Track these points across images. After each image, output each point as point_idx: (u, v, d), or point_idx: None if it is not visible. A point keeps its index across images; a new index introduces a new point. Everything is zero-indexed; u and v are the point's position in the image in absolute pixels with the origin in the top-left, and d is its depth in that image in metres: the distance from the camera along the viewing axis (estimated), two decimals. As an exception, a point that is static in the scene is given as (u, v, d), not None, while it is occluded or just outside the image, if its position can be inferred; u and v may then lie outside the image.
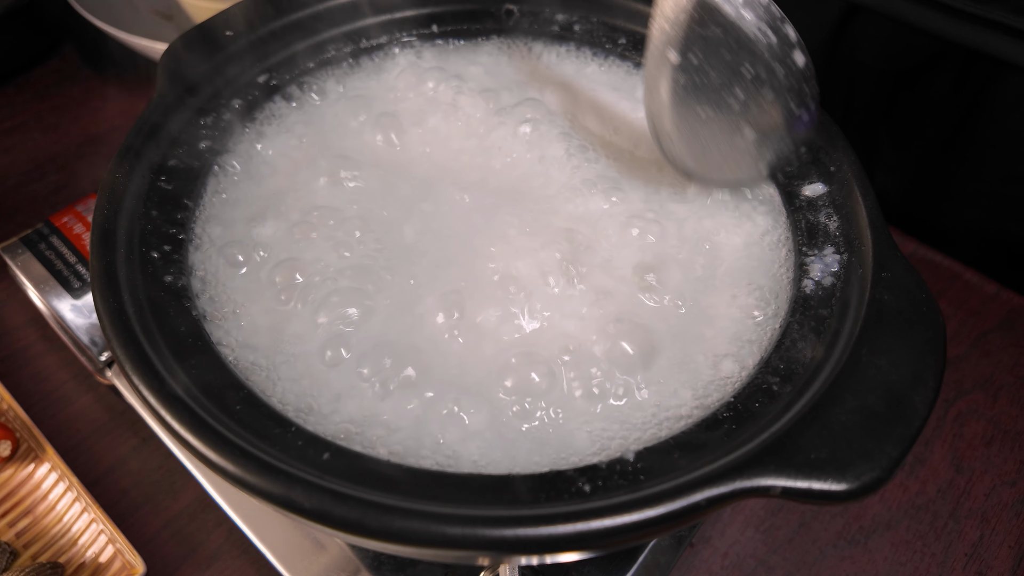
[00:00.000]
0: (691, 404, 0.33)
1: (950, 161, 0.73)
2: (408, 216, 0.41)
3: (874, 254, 0.34)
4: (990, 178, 0.71)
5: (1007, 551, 0.54)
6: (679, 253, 0.39)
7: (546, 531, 0.25)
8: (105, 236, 0.33)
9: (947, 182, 0.74)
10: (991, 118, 0.67)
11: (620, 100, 0.48)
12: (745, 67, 0.36)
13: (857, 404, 0.28)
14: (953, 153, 0.72)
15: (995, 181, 0.71)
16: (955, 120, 0.70)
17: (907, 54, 0.69)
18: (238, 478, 0.26)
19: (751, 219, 0.41)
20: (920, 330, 0.31)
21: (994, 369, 0.64)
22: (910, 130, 0.75)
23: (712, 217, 0.41)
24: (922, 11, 0.63)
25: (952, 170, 0.73)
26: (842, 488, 0.26)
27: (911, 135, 0.75)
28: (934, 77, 0.69)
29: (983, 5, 0.59)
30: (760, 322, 0.35)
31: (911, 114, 0.74)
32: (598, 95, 0.48)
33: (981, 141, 0.69)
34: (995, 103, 0.66)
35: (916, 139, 0.75)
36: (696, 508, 0.25)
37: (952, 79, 0.68)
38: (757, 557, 0.53)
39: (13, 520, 0.52)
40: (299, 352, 0.35)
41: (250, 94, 0.44)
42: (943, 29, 0.62)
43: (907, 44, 0.68)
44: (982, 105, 0.67)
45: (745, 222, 0.41)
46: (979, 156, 0.70)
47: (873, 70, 0.73)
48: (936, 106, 0.71)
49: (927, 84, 0.70)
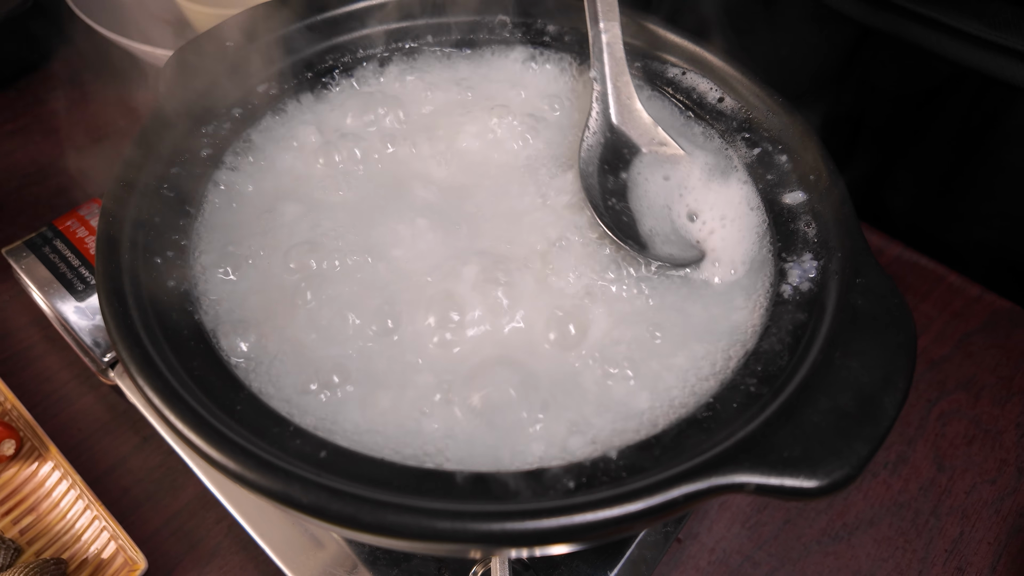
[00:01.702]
0: (671, 405, 0.34)
1: (961, 183, 0.73)
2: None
3: (850, 260, 0.36)
4: (1000, 200, 0.72)
5: (986, 547, 0.56)
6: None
7: (532, 525, 0.27)
8: (110, 243, 0.34)
9: (957, 203, 0.75)
10: (1003, 142, 0.67)
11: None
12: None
13: (829, 405, 0.30)
14: (964, 175, 0.73)
15: (1005, 203, 0.71)
16: (967, 143, 0.70)
17: (921, 78, 0.70)
18: (239, 475, 0.27)
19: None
20: (892, 334, 0.32)
21: (976, 370, 0.66)
22: (922, 152, 0.75)
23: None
24: (937, 37, 0.63)
25: (962, 191, 0.74)
26: (813, 485, 0.27)
27: (923, 156, 0.75)
28: (947, 101, 0.69)
29: (999, 32, 0.59)
30: (738, 326, 0.37)
31: (923, 136, 0.74)
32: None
33: (992, 164, 0.70)
34: (1008, 128, 0.66)
35: (928, 160, 0.75)
36: (674, 503, 0.27)
37: (966, 103, 0.68)
38: (743, 553, 0.55)
39: (17, 517, 0.53)
40: (299, 354, 0.36)
41: (250, 103, 0.46)
42: (958, 55, 0.62)
43: (921, 68, 0.68)
44: (994, 129, 0.67)
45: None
46: (990, 178, 0.71)
47: (886, 92, 0.74)
48: (948, 129, 0.71)
49: (940, 107, 0.70)
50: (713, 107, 0.46)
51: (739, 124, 0.45)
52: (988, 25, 0.60)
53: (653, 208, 0.43)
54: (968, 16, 0.60)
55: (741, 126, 0.45)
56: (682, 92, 0.48)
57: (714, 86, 0.47)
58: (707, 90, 0.47)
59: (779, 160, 0.43)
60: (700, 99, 0.47)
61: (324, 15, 0.48)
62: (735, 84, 0.46)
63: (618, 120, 0.46)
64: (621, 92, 0.46)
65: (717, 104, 0.46)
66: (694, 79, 0.47)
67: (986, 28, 0.60)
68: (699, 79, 0.47)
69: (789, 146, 0.43)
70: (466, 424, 0.34)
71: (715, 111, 0.46)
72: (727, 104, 0.46)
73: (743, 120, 0.45)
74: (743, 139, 0.45)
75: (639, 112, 0.46)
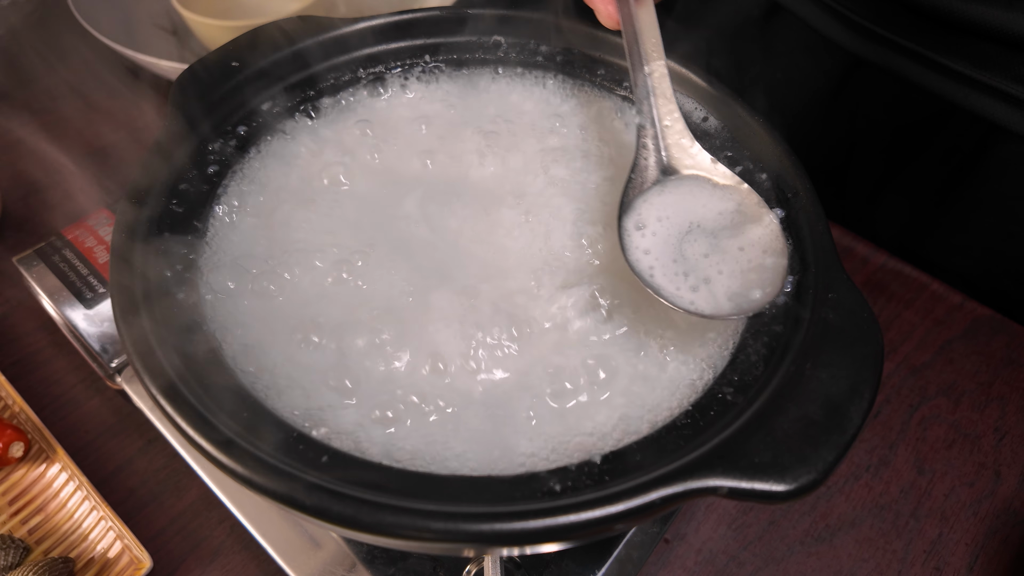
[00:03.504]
0: (654, 413, 0.36)
1: (944, 213, 0.74)
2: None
3: (823, 275, 0.38)
4: (979, 233, 0.73)
5: (964, 548, 0.58)
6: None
7: (520, 525, 0.29)
8: (123, 257, 0.36)
9: (940, 232, 0.76)
10: (985, 178, 0.68)
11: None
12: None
13: (799, 413, 0.31)
14: (947, 206, 0.74)
15: (985, 236, 0.72)
16: (949, 177, 0.71)
17: (908, 110, 0.70)
18: (246, 479, 0.29)
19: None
20: (860, 347, 0.34)
21: (957, 376, 0.68)
22: (908, 182, 0.76)
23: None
24: (923, 71, 0.64)
25: (945, 222, 0.75)
26: (782, 489, 0.29)
27: (909, 186, 0.76)
28: (932, 134, 0.70)
29: (985, 71, 0.59)
30: (716, 338, 0.39)
31: (909, 167, 0.75)
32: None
33: (971, 198, 0.71)
34: (990, 165, 0.67)
35: (913, 190, 0.76)
36: (652, 505, 0.29)
37: (950, 138, 0.68)
38: (729, 553, 0.56)
39: (26, 517, 0.54)
40: (304, 364, 0.38)
41: (255, 120, 0.48)
42: (943, 90, 0.63)
43: (909, 101, 0.69)
44: (976, 165, 0.68)
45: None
46: (972, 212, 0.72)
47: (874, 121, 0.75)
48: (932, 162, 0.72)
49: (926, 141, 0.71)
50: (698, 126, 0.48)
51: (722, 143, 0.47)
52: (973, 64, 0.60)
53: (714, 251, 0.40)
54: (955, 54, 0.61)
55: (724, 144, 0.47)
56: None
57: (699, 106, 0.49)
58: (692, 109, 0.49)
59: (759, 178, 0.45)
60: (686, 118, 0.49)
61: (329, 34, 0.50)
62: (718, 104, 0.48)
63: (669, 162, 0.43)
64: (672, 132, 0.44)
65: (702, 123, 0.48)
66: (680, 99, 0.49)
67: (971, 67, 0.60)
68: (684, 99, 0.49)
69: (769, 165, 0.44)
70: (465, 427, 0.36)
71: (700, 130, 0.48)
72: (711, 123, 0.48)
73: (726, 139, 0.47)
74: (726, 157, 0.47)
75: (695, 150, 0.43)
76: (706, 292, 0.38)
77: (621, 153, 0.50)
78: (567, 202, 0.47)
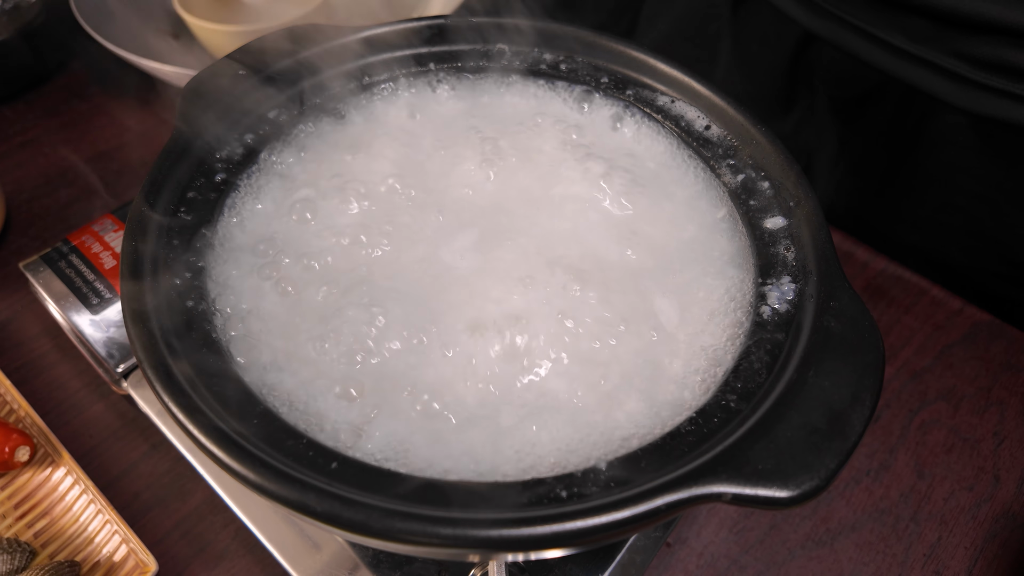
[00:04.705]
0: (659, 421, 0.37)
1: (897, 187, 0.77)
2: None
3: (825, 284, 0.38)
4: (928, 206, 0.75)
5: (963, 552, 0.58)
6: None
7: (526, 531, 0.29)
8: (133, 265, 0.36)
9: (895, 207, 0.78)
10: (929, 150, 0.71)
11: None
12: None
13: (801, 421, 0.32)
14: (899, 180, 0.76)
15: (934, 209, 0.75)
16: (899, 149, 0.74)
17: (855, 83, 0.73)
18: (257, 485, 0.30)
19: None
20: (861, 355, 0.34)
21: (956, 381, 0.68)
22: (861, 156, 0.78)
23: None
24: (869, 47, 0.66)
25: (898, 196, 0.77)
26: (785, 495, 0.30)
27: (862, 161, 0.79)
28: (878, 108, 0.73)
29: (921, 46, 0.63)
30: (721, 346, 0.39)
31: (861, 140, 0.77)
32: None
33: (922, 172, 0.73)
34: (932, 137, 0.70)
35: (867, 165, 0.78)
36: (657, 512, 0.29)
37: (894, 112, 0.71)
38: (730, 557, 0.57)
39: (32, 521, 0.54)
40: (314, 370, 0.38)
41: (262, 128, 0.48)
42: (885, 64, 0.66)
43: (855, 74, 0.72)
44: (920, 138, 0.71)
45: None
46: (921, 185, 0.74)
47: (827, 95, 0.77)
48: (881, 135, 0.75)
49: (874, 114, 0.74)
50: (700, 134, 0.49)
51: (724, 151, 0.48)
52: (912, 39, 0.63)
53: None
54: (895, 29, 0.64)
55: (726, 153, 0.48)
56: (671, 119, 0.50)
57: (701, 114, 0.49)
58: (695, 118, 0.49)
59: (761, 186, 0.45)
60: (688, 126, 0.49)
61: (337, 41, 0.50)
62: (721, 113, 0.48)
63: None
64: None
65: (704, 132, 0.49)
66: (683, 107, 0.50)
67: (909, 41, 0.63)
68: (687, 107, 0.50)
69: (771, 173, 0.45)
70: (471, 434, 0.37)
71: (702, 138, 0.49)
72: (713, 132, 0.49)
73: (728, 147, 0.48)
74: (728, 165, 0.47)
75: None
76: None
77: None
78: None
